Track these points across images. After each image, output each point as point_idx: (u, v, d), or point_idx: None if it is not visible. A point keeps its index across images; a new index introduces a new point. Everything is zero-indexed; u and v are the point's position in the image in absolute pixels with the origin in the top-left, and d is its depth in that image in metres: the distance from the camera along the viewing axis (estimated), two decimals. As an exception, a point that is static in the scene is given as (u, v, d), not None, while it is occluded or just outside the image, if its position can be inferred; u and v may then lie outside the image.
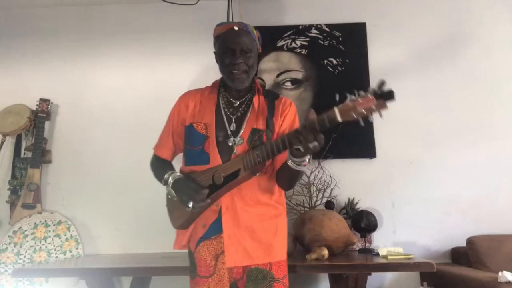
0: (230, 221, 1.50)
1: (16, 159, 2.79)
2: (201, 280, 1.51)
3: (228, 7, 2.85)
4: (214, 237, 1.53)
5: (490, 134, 2.73)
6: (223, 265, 1.50)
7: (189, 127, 1.60)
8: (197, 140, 1.56)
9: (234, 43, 1.53)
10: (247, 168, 1.46)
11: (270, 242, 1.53)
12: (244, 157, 1.46)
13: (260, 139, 1.54)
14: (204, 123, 1.57)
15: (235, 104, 1.62)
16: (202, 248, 1.54)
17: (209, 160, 1.53)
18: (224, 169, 1.49)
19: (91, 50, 2.95)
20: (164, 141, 1.68)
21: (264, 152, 1.41)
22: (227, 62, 1.54)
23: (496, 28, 2.85)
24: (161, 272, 2.11)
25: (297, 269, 1.93)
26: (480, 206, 2.65)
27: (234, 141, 1.54)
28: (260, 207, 1.55)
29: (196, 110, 1.61)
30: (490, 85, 2.79)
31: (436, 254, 2.63)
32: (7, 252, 2.56)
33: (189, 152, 1.60)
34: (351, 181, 2.66)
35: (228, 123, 1.58)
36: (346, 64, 2.83)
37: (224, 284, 1.50)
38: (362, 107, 1.21)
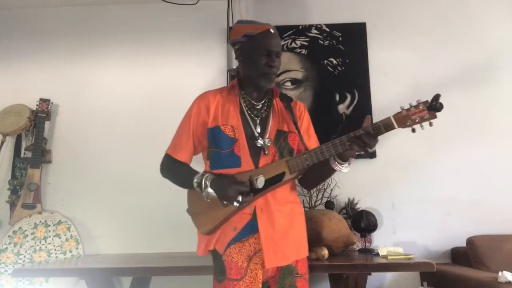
0: (265, 223, 1.51)
1: (16, 159, 2.79)
2: (231, 283, 1.48)
3: (228, 7, 2.86)
4: (246, 239, 1.51)
5: (490, 134, 2.73)
6: (256, 266, 1.50)
7: (214, 130, 1.56)
8: (226, 143, 1.54)
9: (272, 46, 1.56)
10: (294, 172, 1.50)
11: (300, 239, 1.59)
12: (289, 161, 1.51)
13: (285, 140, 1.59)
14: (231, 125, 1.56)
15: (257, 106, 1.62)
16: (233, 250, 1.50)
17: (241, 163, 1.53)
18: (264, 172, 1.50)
19: (91, 50, 2.96)
20: (184, 143, 1.61)
21: (314, 156, 1.47)
22: (263, 63, 1.54)
23: (495, 26, 2.85)
24: (161, 272, 2.11)
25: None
26: (480, 206, 2.65)
27: (263, 142, 1.54)
28: (289, 206, 1.59)
29: (218, 112, 1.58)
30: (490, 84, 2.79)
31: (436, 254, 2.63)
32: (7, 252, 2.56)
33: (216, 155, 1.56)
34: (351, 181, 2.66)
35: (254, 125, 1.58)
36: (346, 64, 2.83)
37: (257, 285, 1.49)
38: (416, 116, 1.35)
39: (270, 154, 1.54)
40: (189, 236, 1.84)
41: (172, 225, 2.64)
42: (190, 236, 2.19)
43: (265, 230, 1.50)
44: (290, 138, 1.61)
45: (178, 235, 2.63)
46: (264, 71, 1.55)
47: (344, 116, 2.77)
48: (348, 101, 2.78)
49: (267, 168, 1.51)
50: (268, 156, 1.54)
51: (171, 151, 1.63)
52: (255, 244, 1.51)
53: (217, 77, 2.84)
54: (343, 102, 2.79)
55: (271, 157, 1.55)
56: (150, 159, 1.73)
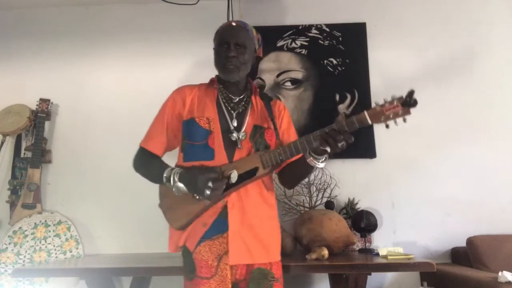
0: (236, 219, 1.49)
1: (16, 159, 2.79)
2: (202, 281, 1.46)
3: (228, 7, 2.85)
4: (216, 237, 1.49)
5: (490, 134, 2.73)
6: (226, 266, 1.47)
7: (189, 122, 1.56)
8: (200, 135, 1.54)
9: (229, 36, 1.57)
10: (267, 166, 1.48)
11: (270, 242, 1.55)
12: (262, 155, 1.49)
13: (261, 136, 1.58)
14: (206, 117, 1.55)
15: (234, 100, 1.62)
16: (204, 248, 1.49)
17: (214, 155, 1.51)
18: (237, 167, 1.47)
19: (91, 50, 2.96)
20: (157, 135, 1.61)
21: (288, 151, 1.45)
22: (221, 54, 1.57)
23: (497, 28, 2.85)
24: (161, 272, 2.11)
25: (297, 269, 1.93)
26: (480, 206, 2.65)
27: (238, 136, 1.53)
28: (263, 207, 1.56)
29: (194, 104, 1.59)
30: (490, 84, 2.79)
31: (436, 254, 2.63)
32: (7, 252, 2.56)
33: (190, 147, 1.55)
34: (351, 181, 2.66)
35: (230, 118, 1.58)
36: (346, 64, 2.83)
37: (226, 285, 1.46)
38: (390, 112, 1.34)
39: (245, 148, 1.53)
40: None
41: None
42: (190, 236, 2.18)
43: (234, 225, 1.48)
44: (267, 134, 1.60)
45: (178, 235, 2.63)
46: (221, 62, 1.57)
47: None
48: (348, 101, 2.78)
49: (240, 162, 1.50)
50: (242, 150, 1.53)
51: (144, 143, 1.64)
52: (225, 243, 1.49)
53: (217, 77, 2.84)
54: (343, 102, 2.79)
55: (246, 151, 1.53)
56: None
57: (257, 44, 1.66)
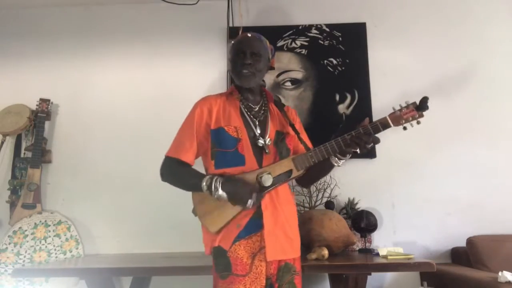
0: (269, 218, 1.58)
1: (16, 159, 2.79)
2: (237, 279, 1.53)
3: (228, 7, 2.86)
4: (250, 236, 1.58)
5: (490, 134, 2.73)
6: (260, 263, 1.56)
7: (218, 131, 1.64)
8: (230, 143, 1.62)
9: (245, 46, 1.67)
10: (300, 169, 1.61)
11: (295, 238, 1.67)
12: (295, 159, 1.62)
13: (283, 141, 1.70)
14: (234, 126, 1.64)
15: (254, 109, 1.72)
16: (238, 247, 1.56)
17: (245, 161, 1.60)
18: (272, 170, 1.59)
19: (91, 50, 2.96)
20: (188, 144, 1.66)
21: (319, 154, 1.60)
22: (238, 63, 1.66)
23: (497, 27, 2.85)
24: (161, 272, 2.11)
25: (297, 269, 1.93)
26: (480, 206, 2.65)
27: (264, 142, 1.63)
28: (289, 206, 1.68)
29: (219, 114, 1.67)
30: (490, 85, 2.79)
31: (436, 254, 2.63)
32: (7, 252, 2.56)
33: (221, 155, 1.63)
34: (351, 181, 2.66)
35: (254, 126, 1.67)
36: (346, 64, 2.84)
37: (261, 281, 1.55)
38: (408, 116, 1.56)
39: (271, 153, 1.64)
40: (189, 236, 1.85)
41: (172, 225, 2.64)
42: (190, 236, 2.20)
43: (268, 225, 1.57)
44: (288, 139, 1.72)
45: (178, 235, 2.64)
46: (237, 69, 1.67)
47: (344, 116, 2.77)
48: (348, 101, 2.79)
49: (274, 166, 1.61)
50: (269, 155, 1.63)
51: (174, 153, 1.67)
52: (259, 241, 1.58)
53: (217, 77, 2.84)
54: (343, 102, 2.79)
55: (272, 156, 1.64)
56: (150, 159, 1.74)
57: (270, 54, 1.76)
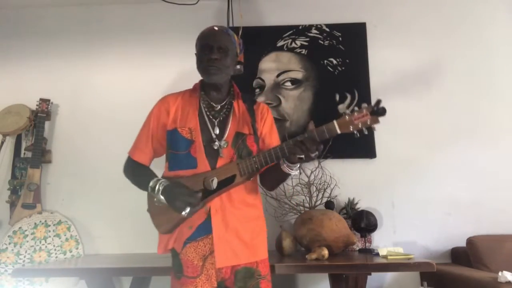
0: (219, 223, 1.54)
1: (16, 159, 2.79)
2: (188, 281, 1.52)
3: (228, 7, 2.85)
4: (201, 238, 1.55)
5: (490, 134, 2.73)
6: (211, 266, 1.53)
7: (173, 132, 1.60)
8: (182, 145, 1.58)
9: (211, 40, 1.60)
10: (244, 174, 1.53)
11: (255, 242, 1.60)
12: (240, 163, 1.53)
13: (243, 142, 1.60)
14: (188, 127, 1.59)
15: (216, 107, 1.65)
16: (189, 249, 1.55)
17: (196, 164, 1.55)
18: (218, 174, 1.52)
19: (91, 50, 2.96)
20: (143, 145, 1.67)
21: (262, 159, 1.50)
22: (203, 58, 1.60)
23: (496, 28, 2.85)
24: (161, 272, 2.11)
25: (297, 269, 1.93)
26: (480, 206, 2.65)
27: (219, 145, 1.57)
28: (246, 209, 1.60)
29: (177, 114, 1.63)
30: (490, 85, 2.79)
31: (436, 254, 2.63)
32: (7, 252, 2.56)
33: (174, 157, 1.60)
34: (351, 181, 2.66)
35: (212, 126, 1.60)
36: (346, 64, 2.84)
37: (212, 284, 1.52)
38: (358, 121, 1.37)
39: (227, 156, 1.57)
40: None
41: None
42: (190, 236, 2.17)
43: (218, 230, 1.53)
44: (249, 140, 1.62)
45: (178, 235, 2.63)
46: (203, 65, 1.60)
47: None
48: (348, 101, 2.78)
49: (220, 170, 1.54)
50: (224, 158, 1.56)
51: (131, 153, 1.70)
52: (210, 244, 1.54)
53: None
54: (343, 102, 2.79)
55: (228, 159, 1.57)
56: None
57: (238, 48, 1.68)
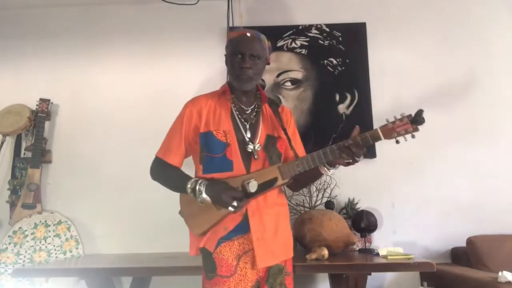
0: (257, 224, 1.56)
1: (16, 159, 2.79)
2: (221, 280, 1.52)
3: (228, 7, 2.86)
4: (236, 238, 1.56)
5: (490, 134, 2.73)
6: (245, 265, 1.55)
7: (207, 134, 1.60)
8: (218, 148, 1.58)
9: (245, 48, 1.60)
10: (286, 178, 1.56)
11: (287, 240, 1.66)
12: (281, 167, 1.56)
13: (274, 145, 1.65)
14: (223, 130, 1.60)
15: (246, 111, 1.67)
16: (224, 248, 1.55)
17: (232, 167, 1.57)
18: (258, 177, 1.54)
19: (91, 50, 2.95)
20: (176, 147, 1.64)
21: (305, 163, 1.53)
22: (236, 65, 1.60)
23: (496, 28, 2.85)
24: (161, 272, 2.11)
25: (297, 269, 1.93)
26: (480, 206, 2.65)
27: (253, 147, 1.59)
28: (279, 208, 1.65)
29: (210, 116, 1.62)
30: (490, 85, 2.79)
31: (436, 254, 2.63)
32: (7, 252, 2.56)
33: (209, 160, 1.60)
34: (351, 181, 2.65)
35: (244, 130, 1.62)
36: (346, 64, 2.83)
37: (245, 283, 1.53)
38: (400, 129, 1.44)
39: (260, 158, 1.60)
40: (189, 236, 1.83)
41: (172, 225, 2.63)
42: (190, 236, 2.17)
43: (256, 231, 1.55)
44: (279, 143, 1.67)
45: (178, 235, 2.61)
46: (236, 72, 1.60)
47: (344, 116, 2.77)
48: (348, 101, 2.78)
49: (259, 173, 1.56)
50: (258, 161, 1.59)
51: (162, 155, 1.66)
52: (245, 244, 1.56)
53: (217, 77, 2.83)
54: (343, 102, 2.79)
55: (261, 161, 1.60)
56: (150, 159, 1.73)
57: (268, 52, 1.71)
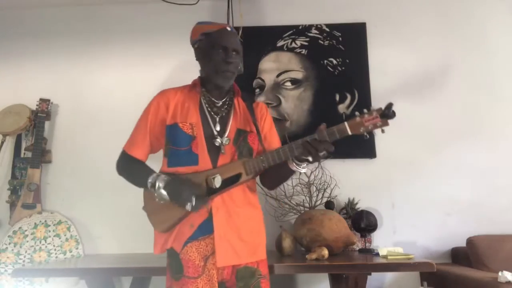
0: (221, 222, 1.51)
1: (16, 159, 2.79)
2: (189, 281, 1.48)
3: (228, 7, 2.85)
4: (203, 238, 1.51)
5: (490, 134, 2.73)
6: (213, 266, 1.50)
7: (173, 127, 1.56)
8: (183, 141, 1.54)
9: (228, 42, 1.55)
10: (250, 173, 1.52)
11: (256, 242, 1.58)
12: (246, 162, 1.51)
13: (244, 140, 1.59)
14: (189, 122, 1.55)
15: (217, 104, 1.62)
16: (190, 249, 1.51)
17: (198, 160, 1.53)
18: (221, 172, 1.50)
19: (91, 50, 2.96)
20: (140, 140, 1.62)
21: (270, 159, 1.49)
22: (219, 59, 1.55)
23: (497, 27, 2.85)
24: (161, 272, 2.10)
25: (297, 269, 1.93)
26: (480, 206, 2.65)
27: (221, 141, 1.54)
28: (247, 207, 1.59)
29: (177, 109, 1.58)
30: (490, 84, 2.79)
31: (436, 254, 2.63)
32: (7, 252, 2.56)
33: (174, 153, 1.56)
34: (351, 181, 2.66)
35: (213, 123, 1.58)
36: (346, 64, 2.83)
37: (213, 284, 1.49)
38: (369, 123, 1.38)
39: (228, 153, 1.55)
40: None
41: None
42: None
43: (219, 229, 1.50)
44: (250, 138, 1.61)
45: (178, 235, 2.63)
46: (220, 67, 1.55)
47: (344, 116, 2.77)
48: (348, 101, 2.79)
49: (224, 168, 1.52)
50: (226, 155, 1.54)
51: (127, 148, 1.64)
52: (212, 244, 1.50)
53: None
54: (343, 102, 2.79)
55: (229, 156, 1.55)
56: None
57: None
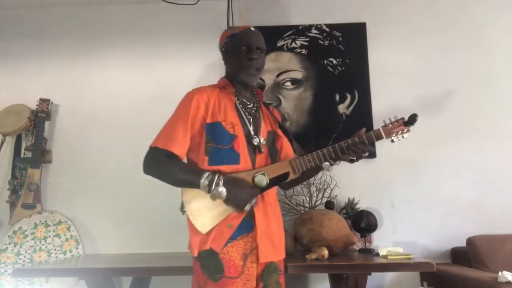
0: (262, 219, 1.55)
1: (16, 159, 2.79)
2: (229, 281, 1.47)
3: (228, 7, 2.85)
4: (241, 237, 1.52)
5: (490, 134, 2.73)
6: (251, 264, 1.52)
7: (214, 125, 1.54)
8: (226, 139, 1.54)
9: (252, 40, 1.61)
10: (298, 172, 1.59)
11: (283, 238, 1.65)
12: (292, 162, 1.58)
13: (273, 141, 1.66)
14: (231, 122, 1.56)
15: (248, 105, 1.66)
16: (231, 249, 1.50)
17: (239, 159, 1.54)
18: (269, 171, 1.55)
19: (91, 50, 2.96)
20: (181, 137, 1.53)
21: (316, 158, 1.58)
22: (243, 57, 1.60)
23: (496, 27, 2.85)
24: (161, 272, 2.11)
25: (297, 269, 1.93)
26: (480, 206, 2.65)
27: (259, 141, 1.59)
28: (276, 206, 1.66)
29: (216, 108, 1.57)
30: (490, 84, 2.79)
31: (436, 254, 2.63)
32: (7, 252, 2.56)
33: (216, 151, 1.53)
34: (351, 181, 2.66)
35: (249, 123, 1.61)
36: (346, 64, 2.84)
37: (252, 283, 1.51)
38: (398, 129, 1.65)
39: (264, 153, 1.60)
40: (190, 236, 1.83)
41: (172, 225, 2.63)
42: (190, 236, 2.17)
43: (261, 226, 1.54)
44: (278, 140, 1.68)
45: (178, 235, 2.62)
46: (244, 64, 1.60)
47: (344, 116, 2.77)
48: (348, 101, 2.79)
49: (270, 168, 1.57)
50: (262, 155, 1.59)
51: (163, 144, 1.53)
52: (250, 242, 1.53)
53: (217, 77, 2.79)
54: (343, 102, 2.79)
55: (264, 156, 1.60)
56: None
57: None
